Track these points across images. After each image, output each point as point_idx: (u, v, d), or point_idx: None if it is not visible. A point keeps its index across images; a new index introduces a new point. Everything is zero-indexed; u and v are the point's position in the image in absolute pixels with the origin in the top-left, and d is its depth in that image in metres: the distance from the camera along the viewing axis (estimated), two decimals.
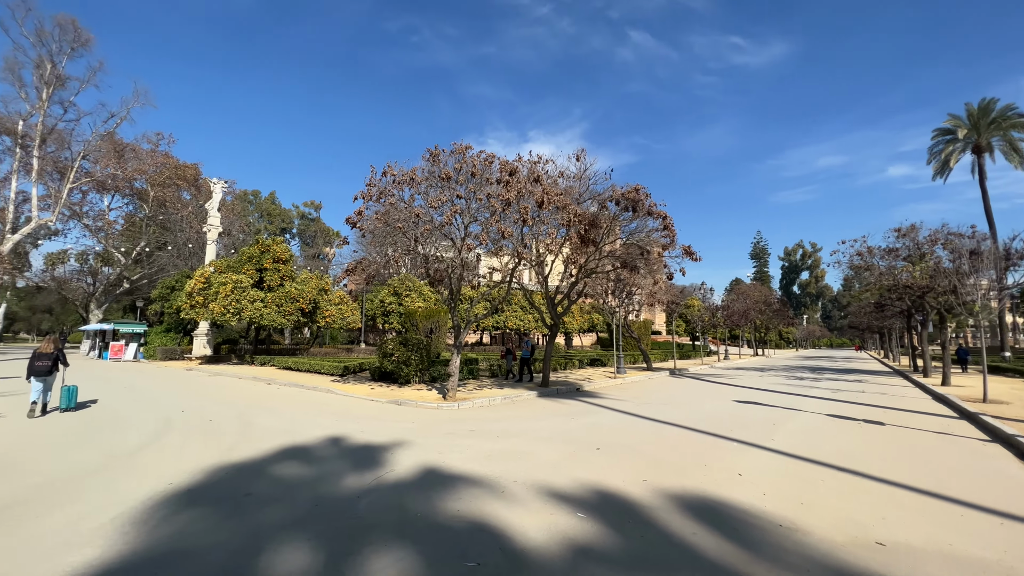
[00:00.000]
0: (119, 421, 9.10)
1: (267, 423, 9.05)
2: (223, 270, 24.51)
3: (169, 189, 46.84)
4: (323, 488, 5.15)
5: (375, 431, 8.41)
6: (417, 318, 24.69)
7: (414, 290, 34.53)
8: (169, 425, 8.69)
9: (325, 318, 27.50)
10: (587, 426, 9.27)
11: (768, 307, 49.94)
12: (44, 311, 70.55)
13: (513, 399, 13.17)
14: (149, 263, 48.04)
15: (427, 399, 12.34)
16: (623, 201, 12.88)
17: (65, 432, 8.05)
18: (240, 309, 22.89)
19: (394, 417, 10.03)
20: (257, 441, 7.49)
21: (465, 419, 9.94)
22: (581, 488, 5.24)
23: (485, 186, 10.71)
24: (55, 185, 40.43)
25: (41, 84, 37.78)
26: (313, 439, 7.69)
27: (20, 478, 5.44)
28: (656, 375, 23.03)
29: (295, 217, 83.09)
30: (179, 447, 7.04)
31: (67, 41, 38.23)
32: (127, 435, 7.83)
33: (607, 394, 14.92)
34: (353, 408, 11.21)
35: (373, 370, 17.19)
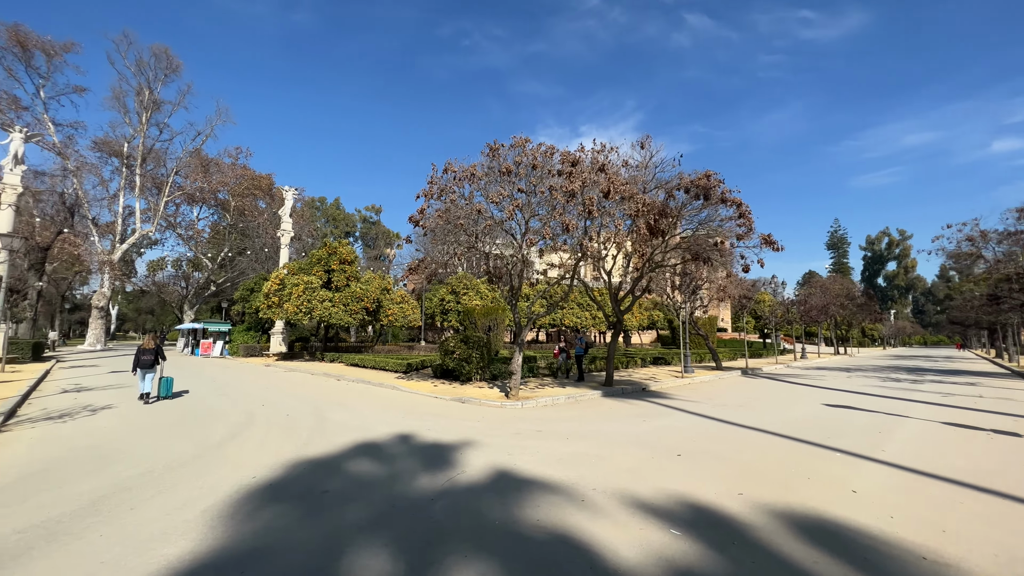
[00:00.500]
0: (208, 413, 9.72)
1: (339, 418, 9.28)
2: (295, 272, 26.00)
3: (247, 199, 50.72)
4: (397, 488, 5.06)
5: (442, 429, 8.34)
6: (476, 316, 24.85)
7: (471, 288, 34.89)
8: (251, 419, 9.14)
9: (388, 316, 28.42)
10: (661, 429, 8.66)
11: (851, 301, 45.47)
12: (147, 312, 79.16)
13: (577, 399, 12.74)
14: (232, 267, 52.29)
15: (490, 397, 12.21)
16: (693, 189, 12.00)
17: (164, 422, 8.68)
18: (311, 309, 24.15)
19: (459, 415, 9.96)
20: (331, 436, 7.64)
21: (530, 419, 9.67)
22: (669, 499, 4.76)
23: (547, 178, 10.36)
24: (153, 199, 45.06)
25: (141, 109, 42.17)
26: (383, 436, 7.74)
27: (125, 467, 5.82)
28: (727, 375, 21.56)
29: (357, 221, 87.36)
30: (260, 440, 7.31)
31: (161, 68, 42.39)
32: (215, 427, 8.30)
33: (676, 395, 14.07)
34: (418, 405, 11.30)
35: (435, 367, 17.41)
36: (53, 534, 3.82)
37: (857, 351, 60.44)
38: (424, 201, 11.44)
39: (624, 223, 10.03)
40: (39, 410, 9.75)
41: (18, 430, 7.89)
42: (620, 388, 14.61)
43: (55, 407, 10.11)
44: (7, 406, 9.55)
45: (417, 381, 16.10)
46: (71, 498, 4.65)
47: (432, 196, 10.99)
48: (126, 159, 42.85)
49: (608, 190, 9.34)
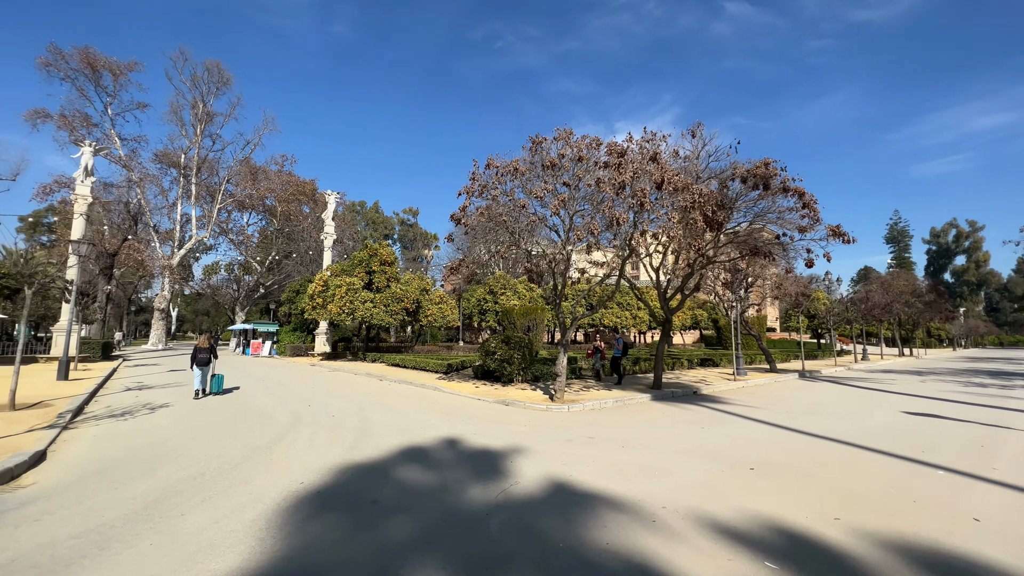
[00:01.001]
0: (257, 413, 9.82)
1: (384, 420, 9.14)
2: (338, 273, 26.56)
3: (292, 204, 52.67)
4: (448, 499, 4.74)
5: (489, 434, 8.01)
6: (514, 316, 24.51)
7: (509, 288, 34.63)
8: (298, 420, 9.14)
9: (427, 317, 28.57)
10: (724, 438, 7.97)
11: (917, 298, 41.97)
12: (203, 314, 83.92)
13: (625, 403, 12.12)
14: (279, 270, 54.46)
15: (534, 400, 11.81)
16: (750, 178, 11.14)
17: (216, 422, 8.81)
18: (353, 309, 24.57)
19: (504, 419, 9.61)
20: (377, 439, 7.46)
21: (579, 424, 9.19)
22: (753, 522, 4.19)
23: (593, 171, 9.85)
24: (208, 206, 47.56)
25: (196, 121, 44.60)
26: (429, 440, 7.48)
27: (178, 468, 5.82)
28: (782, 378, 20.20)
29: (395, 224, 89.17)
30: (307, 442, 7.22)
31: (213, 82, 44.66)
32: (264, 428, 8.31)
33: (732, 399, 13.16)
34: (462, 407, 11.05)
35: (476, 368, 17.19)
36: (105, 540, 3.72)
37: (924, 352, 55.92)
38: (466, 199, 11.17)
39: (677, 216, 9.33)
40: (104, 408, 10.17)
41: (84, 427, 8.18)
42: (670, 392, 13.85)
43: (118, 405, 10.53)
44: (76, 403, 10.01)
45: (458, 382, 15.92)
46: (125, 501, 4.60)
47: (474, 193, 10.71)
48: (183, 169, 45.44)
49: (661, 181, 8.72)
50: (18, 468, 5.51)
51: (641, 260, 12.19)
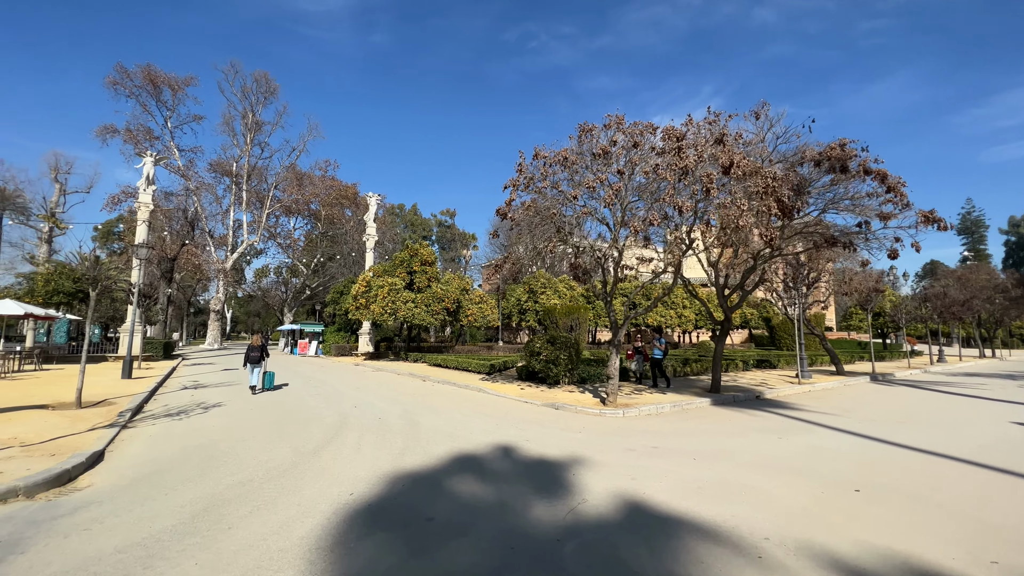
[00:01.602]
0: (305, 414, 9.73)
1: (431, 423, 8.79)
2: (380, 274, 26.82)
3: (335, 208, 54.19)
4: (510, 519, 4.24)
5: (543, 440, 7.48)
6: (556, 315, 23.89)
7: (549, 287, 34.00)
8: (345, 422, 8.94)
9: (468, 317, 28.40)
10: (809, 450, 7.08)
11: (1001, 294, 37.95)
12: (255, 315, 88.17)
13: (683, 407, 11.28)
14: (323, 272, 56.20)
15: (584, 403, 11.18)
16: (825, 161, 10.04)
17: (265, 423, 8.74)
18: (395, 309, 24.70)
19: (556, 424, 9.05)
20: (425, 445, 7.09)
21: (637, 431, 8.50)
22: (888, 564, 3.43)
23: (650, 157, 9.12)
24: (257, 212, 49.64)
25: (246, 130, 46.64)
26: (481, 447, 7.03)
27: (227, 473, 5.63)
28: (851, 381, 18.52)
29: (433, 225, 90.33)
30: (355, 447, 6.94)
31: (262, 92, 46.57)
32: (311, 430, 8.14)
33: (802, 405, 12.01)
34: (510, 410, 10.57)
35: (520, 369, 16.71)
36: (150, 557, 3.46)
37: (1008, 354, 50.69)
38: (511, 192, 10.69)
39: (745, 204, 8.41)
40: (161, 407, 10.39)
41: (141, 426, 8.28)
42: (730, 396, 12.84)
43: (174, 404, 10.75)
44: (136, 402, 10.27)
45: (502, 383, 15.48)
46: (173, 510, 4.39)
47: (520, 186, 10.20)
48: (235, 177, 47.65)
49: (729, 164, 7.88)
50: (75, 469, 5.47)
51: (698, 254, 11.29)
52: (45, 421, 8.12)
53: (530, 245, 11.56)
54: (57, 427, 7.69)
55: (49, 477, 5.07)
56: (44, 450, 6.25)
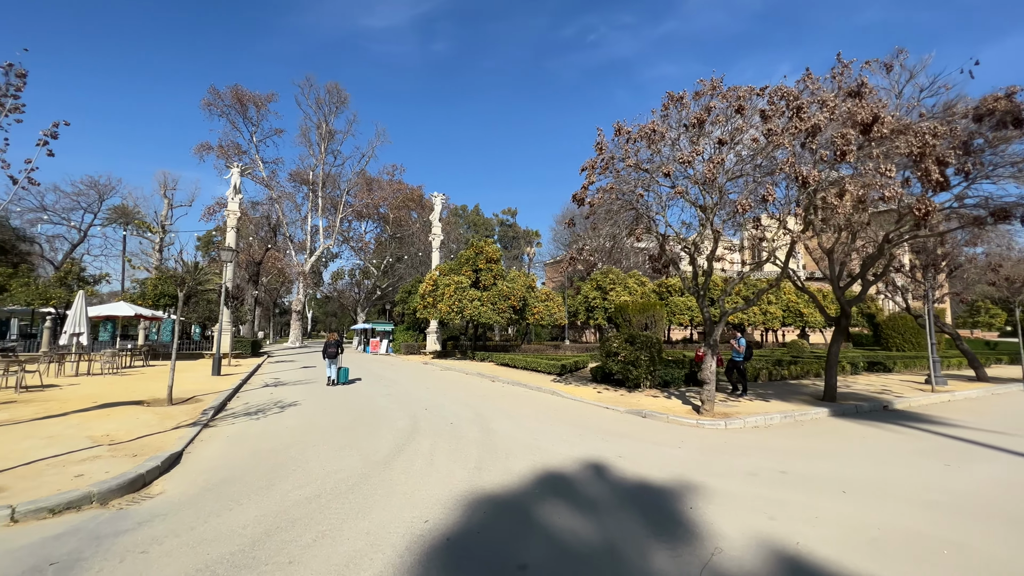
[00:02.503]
0: (375, 415, 9.37)
1: (506, 431, 8.01)
2: (446, 273, 26.78)
3: (402, 211, 55.84)
4: (625, 572, 3.27)
5: (637, 457, 6.41)
6: (629, 312, 22.35)
7: (619, 283, 32.33)
8: (415, 426, 8.42)
9: (534, 315, 27.60)
10: (1000, 485, 5.39)
11: None
12: (332, 315, 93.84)
13: (796, 418, 9.60)
14: (392, 273, 58.20)
15: (674, 411, 9.88)
16: (988, 116, 7.95)
17: (337, 426, 8.44)
18: (462, 308, 24.46)
19: (647, 435, 7.90)
20: (504, 458, 6.30)
21: (748, 447, 7.14)
22: None
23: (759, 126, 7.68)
24: (332, 217, 52.36)
25: (320, 140, 49.29)
26: (566, 462, 6.11)
27: (294, 485, 5.19)
28: (1000, 389, 15.28)
29: (495, 225, 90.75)
30: (427, 457, 6.30)
31: (334, 103, 48.98)
32: (382, 435, 7.67)
33: (951, 419, 9.80)
34: (589, 417, 9.55)
35: (594, 370, 15.57)
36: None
37: None
38: (587, 175, 9.65)
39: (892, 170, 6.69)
40: (242, 405, 10.56)
41: (222, 425, 8.29)
42: (851, 405, 10.86)
43: (254, 402, 10.90)
44: (219, 400, 10.52)
45: (576, 385, 14.45)
46: (235, 532, 3.91)
47: (598, 168, 9.13)
48: (311, 185, 50.57)
49: (871, 120, 6.27)
50: (150, 474, 5.28)
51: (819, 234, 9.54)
52: (137, 418, 8.35)
53: (609, 234, 10.44)
54: (146, 424, 7.84)
55: (123, 483, 4.87)
56: (128, 449, 6.23)
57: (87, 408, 9.05)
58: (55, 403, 9.57)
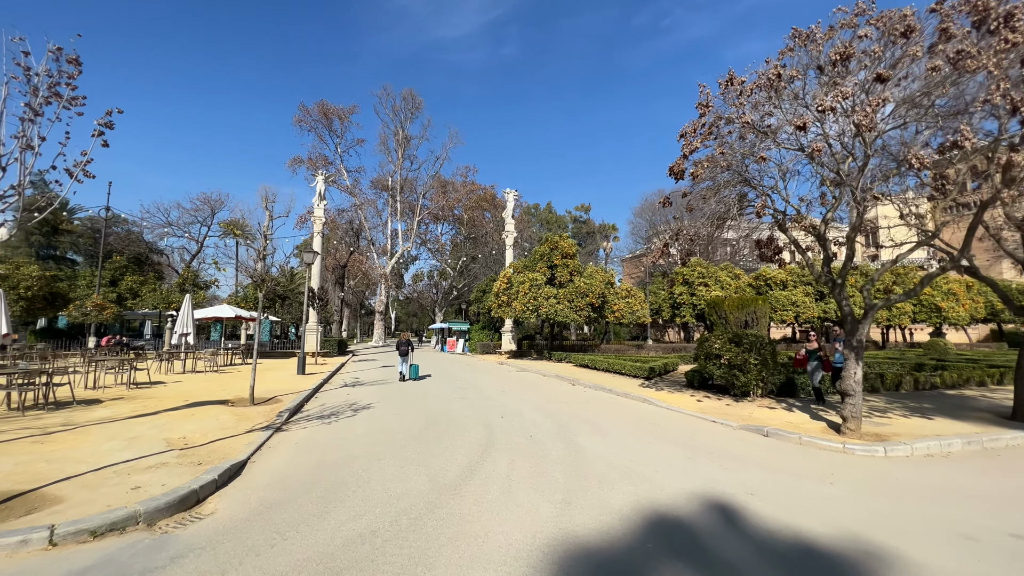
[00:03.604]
0: (448, 422, 8.59)
1: (597, 449, 6.76)
2: (520, 270, 25.93)
3: (476, 211, 56.34)
4: None
5: (777, 496, 4.85)
6: (725, 308, 19.81)
7: (709, 277, 29.37)
8: (491, 437, 7.46)
9: (613, 313, 25.82)
10: None
11: None
12: (413, 315, 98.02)
13: (984, 444, 7.24)
14: (467, 274, 58.96)
15: (805, 429, 7.96)
16: None
17: (408, 434, 7.77)
18: (537, 306, 23.44)
19: (778, 461, 6.22)
20: (597, 488, 5.08)
21: (934, 488, 5.24)
22: None
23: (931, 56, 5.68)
24: (409, 220, 54.17)
25: (397, 146, 51.14)
26: (679, 499, 4.75)
27: (351, 513, 4.44)
28: None
29: (568, 222, 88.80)
30: (504, 482, 5.27)
31: (409, 109, 50.56)
32: (454, 448, 6.80)
33: None
34: (695, 433, 7.97)
35: (689, 374, 13.69)
36: None
37: None
38: (686, 143, 8.06)
39: None
40: (318, 406, 10.37)
41: (294, 429, 7.97)
42: None
43: (330, 404, 10.70)
44: (297, 401, 10.43)
45: (669, 392, 12.73)
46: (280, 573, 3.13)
47: (701, 132, 7.53)
48: (390, 190, 52.69)
49: None
50: (205, 489, 4.80)
51: None
52: (217, 419, 8.31)
53: (712, 215, 8.75)
54: (223, 427, 7.71)
55: (174, 501, 4.39)
56: (197, 456, 5.94)
57: (177, 407, 9.28)
58: (154, 401, 10.00)
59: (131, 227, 38.30)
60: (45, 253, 34.87)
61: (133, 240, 37.22)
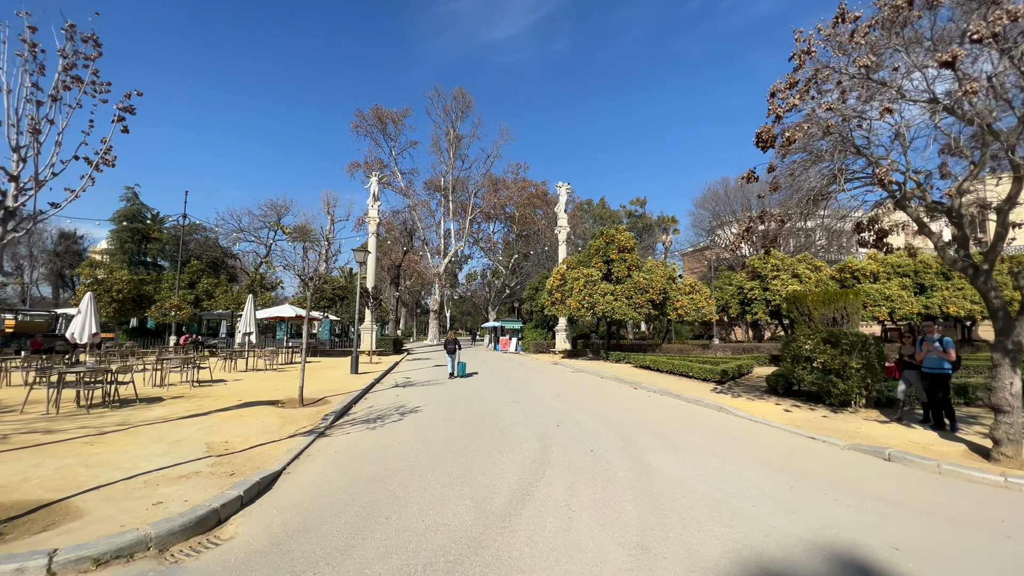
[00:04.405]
0: (498, 430, 7.83)
1: (672, 471, 5.68)
2: (574, 266, 24.79)
3: (527, 208, 55.61)
4: None
5: (934, 554, 3.59)
6: (808, 304, 17.57)
7: (784, 269, 26.62)
8: (546, 451, 6.59)
9: (676, 310, 24.01)
10: None
11: None
12: (467, 314, 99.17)
13: None
14: (520, 271, 58.39)
15: (939, 452, 6.37)
16: None
17: (453, 445, 7.09)
18: (593, 304, 22.22)
19: (915, 496, 4.84)
20: (680, 526, 4.05)
21: None
22: None
23: None
24: (462, 220, 54.44)
25: (449, 146, 51.52)
26: (794, 549, 3.62)
27: (376, 551, 3.77)
28: None
29: (623, 216, 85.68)
30: (563, 514, 4.38)
31: (459, 108, 50.76)
32: (503, 462, 6.00)
33: None
34: (794, 453, 6.63)
35: (772, 379, 12.04)
36: None
37: None
38: (775, 106, 6.73)
39: None
40: (365, 409, 10.00)
41: (337, 434, 7.54)
42: None
43: (378, 406, 10.30)
44: (345, 403, 10.11)
45: (748, 399, 11.20)
46: None
47: (799, 85, 6.19)
48: (443, 190, 53.22)
49: None
50: (227, 508, 4.32)
51: None
52: (263, 421, 8.08)
53: (807, 192, 7.32)
54: (266, 431, 7.42)
55: (190, 523, 3.90)
56: (232, 465, 5.56)
57: (228, 407, 9.22)
58: (209, 400, 10.07)
59: (208, 233, 41.23)
60: (136, 259, 38.35)
61: (211, 245, 40.04)
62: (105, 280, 25.03)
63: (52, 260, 46.87)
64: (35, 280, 50.96)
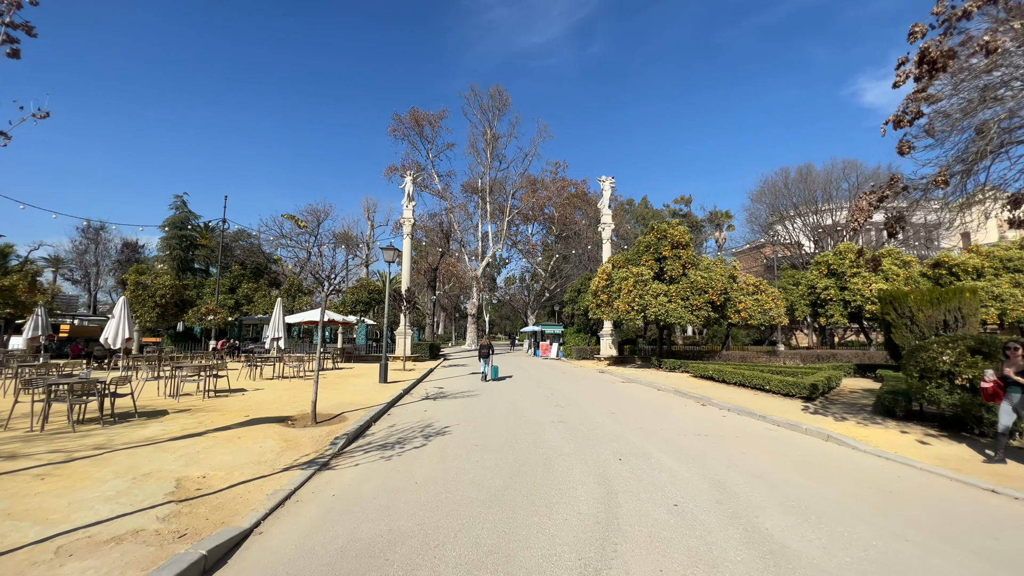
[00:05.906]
0: (544, 465, 6.12)
1: (809, 551, 3.76)
2: (621, 264, 22.67)
3: (567, 209, 53.58)
4: None
5: None
6: (911, 304, 14.71)
7: (862, 265, 23.31)
8: (610, 501, 4.81)
9: (739, 312, 21.41)
10: None
11: None
12: (506, 318, 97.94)
13: None
14: (560, 274, 56.36)
15: None
16: None
17: (484, 488, 5.47)
18: (644, 306, 20.04)
19: None
20: None
21: None
22: None
23: None
24: (499, 222, 53.16)
25: (486, 146, 50.44)
26: None
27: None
28: None
29: (667, 215, 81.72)
30: None
31: (496, 107, 49.63)
32: (553, 523, 4.28)
33: None
34: (984, 519, 4.51)
35: (886, 398, 9.60)
36: None
37: None
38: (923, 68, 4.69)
39: None
40: (385, 429, 8.54)
41: (343, 466, 6.08)
42: None
43: (401, 425, 8.83)
44: (363, 421, 8.71)
45: (857, 423, 8.87)
46: None
47: (955, 29, 4.16)
48: (480, 192, 52.18)
49: None
50: None
51: None
52: (260, 446, 6.75)
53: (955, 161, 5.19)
54: (260, 459, 6.06)
55: None
56: (191, 517, 4.18)
57: (230, 425, 8.00)
58: (214, 415, 8.95)
59: (252, 239, 42.03)
60: (184, 265, 39.50)
61: (254, 251, 40.74)
62: (149, 286, 25.37)
63: (115, 268, 49.47)
64: (103, 287, 54.10)
